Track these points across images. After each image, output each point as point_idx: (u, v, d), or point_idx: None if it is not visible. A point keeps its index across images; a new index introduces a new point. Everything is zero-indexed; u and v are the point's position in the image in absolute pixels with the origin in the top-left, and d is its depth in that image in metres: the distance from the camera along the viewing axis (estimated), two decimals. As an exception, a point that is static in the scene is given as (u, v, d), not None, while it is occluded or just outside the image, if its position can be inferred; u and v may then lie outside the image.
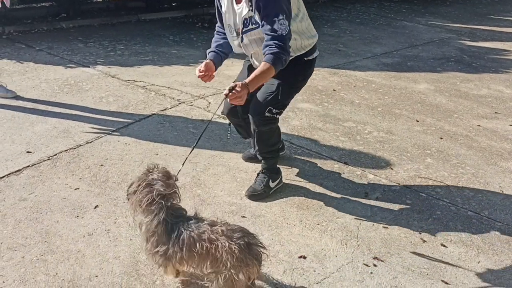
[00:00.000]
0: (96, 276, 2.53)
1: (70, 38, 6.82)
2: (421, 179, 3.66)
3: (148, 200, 2.24)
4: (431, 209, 3.29)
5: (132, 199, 2.31)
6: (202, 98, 4.97)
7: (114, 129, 4.17)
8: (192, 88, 5.21)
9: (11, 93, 4.68)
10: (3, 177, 3.36)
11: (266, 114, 3.07)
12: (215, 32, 3.25)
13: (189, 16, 8.66)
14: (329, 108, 4.92)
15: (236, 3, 2.96)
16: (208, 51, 3.16)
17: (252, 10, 2.84)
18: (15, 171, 3.43)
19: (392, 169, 3.79)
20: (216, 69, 3.07)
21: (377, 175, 3.68)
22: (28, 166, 3.51)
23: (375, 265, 2.72)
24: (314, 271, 2.65)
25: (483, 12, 10.50)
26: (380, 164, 3.85)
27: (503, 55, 7.25)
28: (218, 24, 3.21)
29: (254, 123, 3.13)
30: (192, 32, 7.58)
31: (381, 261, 2.76)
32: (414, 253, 2.84)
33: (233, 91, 2.64)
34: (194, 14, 8.74)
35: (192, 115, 4.53)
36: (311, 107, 4.85)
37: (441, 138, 4.38)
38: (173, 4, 9.10)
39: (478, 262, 2.81)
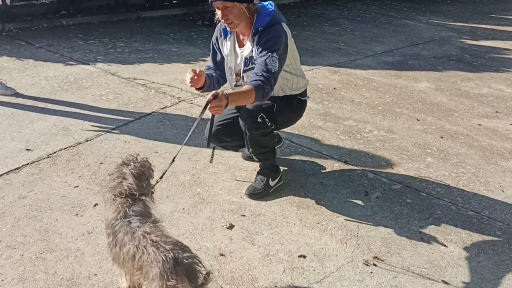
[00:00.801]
0: (95, 274, 2.52)
1: (70, 36, 6.80)
2: (421, 178, 3.65)
3: (111, 198, 2.19)
4: (432, 208, 3.28)
5: (103, 193, 2.26)
6: (202, 96, 4.96)
7: (114, 127, 4.16)
8: (192, 86, 5.19)
9: (10, 90, 4.67)
10: (2, 174, 3.35)
11: (258, 119, 3.07)
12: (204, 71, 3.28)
13: (190, 13, 8.64)
14: (329, 106, 4.91)
15: (239, 47, 3.10)
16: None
17: (253, 48, 2.98)
18: (15, 169, 3.43)
19: (392, 168, 3.78)
20: (204, 86, 3.07)
21: (377, 174, 3.67)
22: (28, 163, 3.50)
23: (375, 265, 2.72)
24: (314, 270, 2.65)
25: (484, 10, 10.47)
26: (380, 163, 3.84)
27: (504, 54, 7.23)
28: (210, 64, 3.33)
29: (245, 126, 3.12)
30: (193, 30, 7.56)
31: (381, 260, 2.75)
32: (414, 252, 2.84)
33: (217, 97, 2.62)
34: (195, 11, 8.72)
35: (192, 113, 4.52)
36: (311, 105, 4.83)
37: (442, 137, 4.37)
38: (173, 2, 9.08)
39: (479, 262, 2.80)
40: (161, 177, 2.52)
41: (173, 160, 2.63)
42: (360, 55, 6.80)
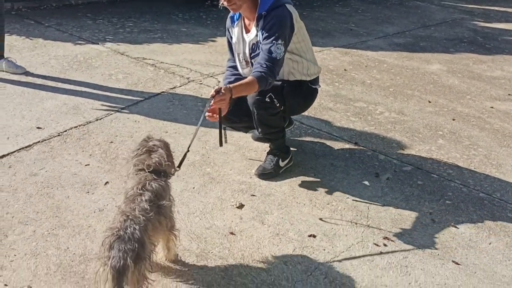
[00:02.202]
0: (107, 251, 2.54)
1: (79, 15, 6.77)
2: (432, 160, 3.63)
3: (137, 169, 2.23)
4: (443, 190, 3.26)
5: (129, 164, 2.29)
6: (211, 76, 4.94)
7: (124, 106, 4.15)
8: (201, 67, 5.17)
9: (20, 69, 4.67)
10: (14, 152, 3.37)
11: (266, 99, 3.05)
12: (226, 68, 3.38)
13: (199, -7, 8.55)
14: (340, 88, 4.87)
15: (246, 33, 3.10)
16: None
17: (257, 32, 2.97)
18: (26, 147, 3.44)
19: (403, 150, 3.76)
20: (230, 107, 2.96)
21: (388, 156, 3.65)
22: (39, 141, 3.51)
23: (385, 245, 2.71)
24: (324, 250, 2.65)
25: (497, -8, 10.28)
26: (391, 145, 3.82)
27: (517, 37, 7.13)
28: (229, 56, 3.36)
29: (254, 105, 3.10)
30: (202, 10, 7.49)
31: (391, 241, 2.75)
32: (424, 233, 2.83)
33: (220, 93, 2.64)
34: (204, -8, 8.63)
35: (201, 94, 4.50)
36: (322, 86, 4.78)
37: (454, 120, 4.32)
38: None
39: (489, 244, 2.79)
40: (179, 166, 2.50)
41: (188, 149, 2.65)
42: (371, 36, 6.72)
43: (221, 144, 2.87)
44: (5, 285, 2.28)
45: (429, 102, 4.67)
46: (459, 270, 2.57)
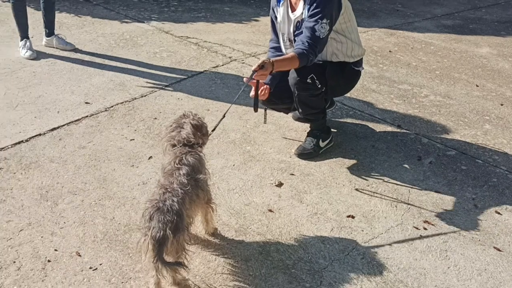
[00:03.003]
0: (150, 222, 2.63)
1: (125, -6, 6.88)
2: (478, 145, 3.53)
3: (170, 146, 2.31)
4: (487, 176, 3.19)
5: (162, 140, 2.38)
6: (253, 56, 4.95)
7: (167, 84, 4.24)
8: (244, 46, 5.19)
9: (70, 46, 4.83)
10: (64, 125, 3.51)
11: (308, 80, 3.03)
12: (268, 49, 3.37)
13: (243, -27, 8.51)
14: (384, 69, 4.78)
15: (292, 11, 3.07)
16: None
17: (304, 9, 2.95)
18: (75, 120, 3.58)
19: (447, 134, 3.67)
20: (271, 90, 3.16)
21: (431, 140, 3.58)
22: (87, 116, 3.65)
23: (425, 229, 2.69)
24: (362, 230, 2.66)
25: (556, -28, 9.73)
26: (435, 129, 3.74)
27: None
28: (272, 36, 3.34)
29: (295, 86, 3.09)
30: (245, -10, 7.46)
31: (432, 225, 2.72)
32: (466, 219, 2.78)
33: (264, 67, 2.68)
34: (248, -29, 8.58)
35: (243, 73, 4.52)
36: (365, 68, 4.70)
37: (502, 105, 4.18)
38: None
39: (534, 232, 2.72)
40: (213, 130, 2.59)
41: (223, 116, 2.70)
42: (419, 17, 6.53)
43: (256, 110, 2.89)
44: (55, 250, 2.41)
45: (477, 86, 4.52)
46: (500, 257, 2.52)
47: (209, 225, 2.51)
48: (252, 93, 2.90)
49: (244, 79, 2.75)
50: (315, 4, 2.88)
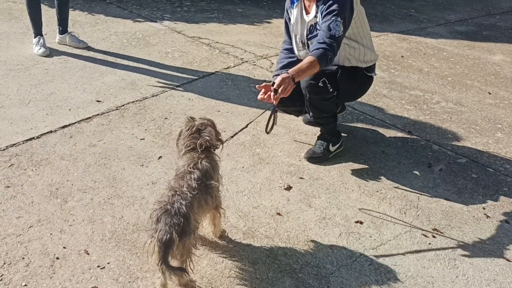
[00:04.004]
0: (158, 222, 2.63)
1: (139, -7, 6.92)
2: (489, 153, 3.50)
3: (188, 148, 2.29)
4: (498, 185, 3.16)
5: (179, 143, 2.36)
6: (265, 58, 4.95)
7: (179, 84, 4.25)
8: (255, 48, 5.19)
9: (82, 44, 4.86)
10: (75, 123, 3.53)
11: (320, 83, 3.02)
12: (280, 51, 3.34)
13: (256, -26, 8.52)
14: (395, 75, 4.76)
15: (306, 14, 3.06)
16: (273, 74, 3.23)
17: (317, 14, 2.94)
18: (86, 118, 3.60)
19: (459, 141, 3.65)
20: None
21: (442, 147, 3.55)
22: (98, 114, 3.67)
23: (434, 237, 2.67)
24: (370, 237, 2.64)
25: None
26: (446, 136, 3.71)
27: None
28: (285, 38, 3.32)
29: (307, 89, 3.08)
30: (258, -9, 7.47)
31: (441, 233, 2.70)
32: (476, 227, 2.76)
33: (277, 92, 2.59)
34: (261, -28, 8.59)
35: (254, 75, 4.52)
36: (377, 72, 4.69)
37: (515, 113, 4.15)
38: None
39: (545, 243, 2.68)
40: (232, 136, 2.62)
41: (246, 126, 2.77)
42: (432, 23, 6.49)
43: (267, 128, 2.82)
44: (64, 247, 2.42)
45: (489, 93, 4.49)
46: (510, 267, 2.50)
47: (217, 228, 2.51)
48: (261, 95, 2.74)
49: (260, 95, 2.69)
50: (327, 6, 2.88)
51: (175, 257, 2.06)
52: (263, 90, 2.69)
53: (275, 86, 2.60)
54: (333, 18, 2.83)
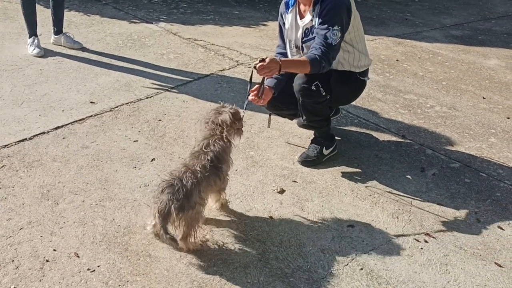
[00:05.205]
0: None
1: (135, -6, 6.91)
2: (482, 158, 3.51)
3: (208, 123, 2.52)
4: (491, 190, 3.16)
5: (200, 122, 2.60)
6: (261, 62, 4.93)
7: (173, 86, 4.24)
8: (251, 50, 5.19)
9: (77, 44, 4.84)
10: (68, 124, 3.52)
11: (313, 87, 3.02)
12: (275, 54, 3.33)
13: (253, -24, 8.52)
14: (390, 78, 4.77)
15: (300, 18, 3.07)
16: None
17: (313, 18, 2.95)
18: (79, 120, 3.58)
19: (452, 146, 3.65)
20: (275, 94, 3.11)
21: (435, 151, 3.56)
22: (91, 115, 3.65)
23: (426, 241, 2.67)
24: (363, 241, 2.64)
25: None
26: (440, 140, 3.72)
27: None
28: (279, 42, 3.33)
29: (299, 93, 3.08)
30: (255, -7, 7.47)
31: (433, 237, 2.70)
32: (468, 232, 2.76)
33: (264, 61, 2.69)
34: (258, -25, 8.59)
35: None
36: (371, 76, 4.70)
37: (508, 118, 4.15)
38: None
39: (537, 249, 2.69)
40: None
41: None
42: (427, 27, 6.51)
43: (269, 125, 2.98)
44: (54, 250, 2.41)
45: (483, 98, 4.50)
46: (501, 273, 2.50)
47: (218, 204, 2.73)
48: (251, 97, 2.89)
49: (251, 97, 2.84)
50: (324, 12, 2.88)
51: (173, 228, 2.31)
52: (255, 92, 2.82)
53: (265, 58, 2.70)
54: (329, 27, 2.85)
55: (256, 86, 2.87)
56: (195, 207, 2.30)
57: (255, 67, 2.70)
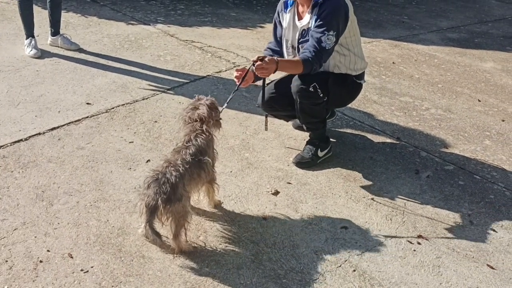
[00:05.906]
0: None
1: (133, -5, 6.92)
2: (477, 161, 3.52)
3: (185, 120, 2.57)
4: (484, 192, 3.18)
5: (179, 119, 2.64)
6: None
7: (170, 87, 4.25)
8: (248, 52, 5.20)
9: (74, 46, 4.85)
10: (64, 125, 3.52)
11: (310, 88, 3.04)
12: (264, 49, 3.39)
13: (251, -22, 8.54)
14: (386, 81, 4.79)
15: (299, 19, 3.10)
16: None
17: (311, 20, 2.98)
18: (75, 121, 3.59)
19: (447, 148, 3.67)
20: (254, 81, 3.12)
21: (430, 153, 3.57)
22: (87, 117, 3.66)
23: (419, 243, 2.68)
24: (356, 242, 2.65)
25: None
26: (434, 142, 3.73)
27: None
28: (271, 41, 3.37)
29: (297, 94, 3.09)
30: (253, -5, 7.49)
31: (426, 239, 2.71)
32: (461, 235, 2.77)
33: (263, 61, 2.74)
34: (256, -23, 8.61)
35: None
36: (368, 79, 4.71)
37: (503, 121, 4.17)
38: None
39: (529, 251, 2.70)
40: (222, 108, 2.80)
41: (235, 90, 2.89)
42: (424, 29, 6.53)
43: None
44: (48, 250, 2.41)
45: (479, 101, 4.52)
46: (493, 275, 2.51)
47: (211, 200, 2.74)
48: (237, 73, 2.95)
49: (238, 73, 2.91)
50: (322, 16, 2.90)
51: (160, 221, 2.32)
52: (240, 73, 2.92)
53: (254, 58, 2.78)
54: (325, 31, 2.88)
55: (244, 67, 2.98)
56: (181, 199, 2.33)
57: (253, 64, 2.76)
